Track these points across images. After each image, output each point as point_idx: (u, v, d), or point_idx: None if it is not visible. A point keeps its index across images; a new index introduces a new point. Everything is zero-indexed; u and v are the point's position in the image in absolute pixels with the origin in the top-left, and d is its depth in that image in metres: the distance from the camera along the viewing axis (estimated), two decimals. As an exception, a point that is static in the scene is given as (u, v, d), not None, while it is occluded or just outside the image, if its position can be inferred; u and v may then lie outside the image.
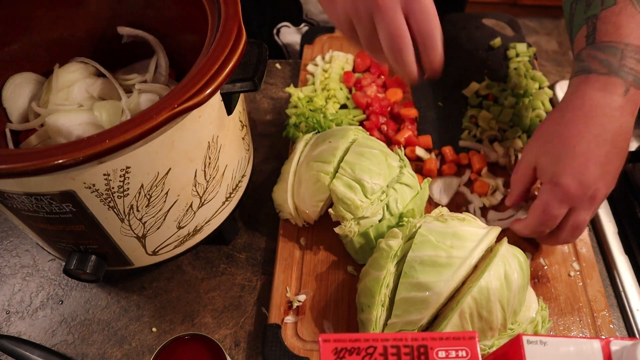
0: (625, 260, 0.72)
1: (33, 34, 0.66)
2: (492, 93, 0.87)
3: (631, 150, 0.83)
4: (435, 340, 0.37)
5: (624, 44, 0.60)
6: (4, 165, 0.43)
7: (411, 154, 0.80)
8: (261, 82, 0.55)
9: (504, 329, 0.57)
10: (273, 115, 0.90)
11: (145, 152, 0.49)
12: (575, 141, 0.59)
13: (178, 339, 0.55)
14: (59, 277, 0.72)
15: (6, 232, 0.76)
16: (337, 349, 0.37)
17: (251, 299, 0.70)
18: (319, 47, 0.96)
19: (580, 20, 0.65)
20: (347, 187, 0.65)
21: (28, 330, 0.67)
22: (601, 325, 0.64)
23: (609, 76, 0.59)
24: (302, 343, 0.63)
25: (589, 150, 0.59)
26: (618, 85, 0.59)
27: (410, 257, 0.57)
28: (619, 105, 0.59)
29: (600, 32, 0.61)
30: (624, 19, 0.60)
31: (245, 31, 0.53)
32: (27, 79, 0.68)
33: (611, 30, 0.61)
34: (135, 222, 0.55)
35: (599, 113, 0.59)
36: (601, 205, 0.77)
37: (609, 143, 0.59)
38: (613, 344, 0.39)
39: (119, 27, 0.68)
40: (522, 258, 0.59)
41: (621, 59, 0.59)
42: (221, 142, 0.57)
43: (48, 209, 0.51)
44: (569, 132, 0.60)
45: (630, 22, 0.60)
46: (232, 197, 0.65)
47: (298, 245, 0.72)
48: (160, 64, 0.69)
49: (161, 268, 0.72)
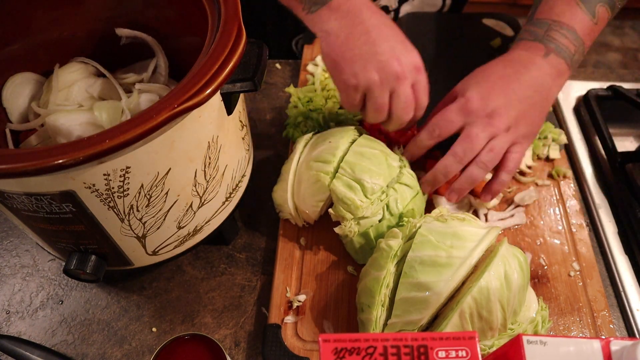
0: (625, 260, 0.72)
1: (33, 34, 0.66)
2: (492, 93, 0.87)
3: (631, 151, 0.83)
4: (435, 340, 0.37)
5: (552, 20, 0.69)
6: (4, 165, 0.43)
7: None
8: (261, 82, 0.55)
9: (504, 329, 0.57)
10: (273, 115, 0.90)
11: (145, 152, 0.49)
12: (490, 72, 0.69)
13: (178, 339, 0.55)
14: (59, 277, 0.72)
15: (6, 232, 0.76)
16: (337, 349, 0.37)
17: (251, 299, 0.70)
18: (319, 47, 0.96)
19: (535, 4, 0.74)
20: (347, 187, 0.65)
21: (28, 330, 0.67)
22: (601, 325, 0.65)
23: (533, 42, 0.69)
24: (302, 343, 0.63)
25: (500, 81, 0.67)
26: (539, 48, 0.68)
27: (410, 257, 0.57)
28: (537, 63, 0.68)
29: (538, 11, 0.71)
30: (559, 1, 0.70)
31: (245, 31, 0.53)
32: (27, 79, 0.68)
33: (545, 10, 0.70)
34: (135, 222, 0.55)
35: (518, 61, 0.69)
36: (601, 208, 0.78)
37: (519, 84, 0.67)
38: (613, 344, 0.39)
39: (117, 29, 0.68)
40: (522, 258, 0.59)
41: (547, 31, 0.69)
42: (221, 142, 0.57)
43: (48, 209, 0.51)
44: (489, 69, 0.69)
45: (562, 4, 0.69)
46: (232, 197, 0.65)
47: (298, 245, 0.72)
48: (159, 64, 0.69)
49: (161, 268, 0.72)
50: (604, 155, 0.83)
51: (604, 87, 0.91)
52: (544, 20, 0.70)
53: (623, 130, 0.92)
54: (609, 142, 0.82)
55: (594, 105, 0.87)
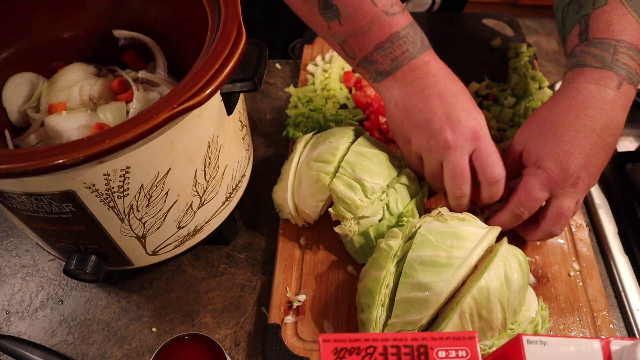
0: (625, 260, 0.72)
1: (33, 34, 0.66)
2: (492, 93, 0.87)
3: (631, 151, 0.83)
4: (435, 340, 0.37)
5: (616, 40, 0.61)
6: (4, 165, 0.43)
7: None
8: (261, 82, 0.55)
9: (504, 329, 0.57)
10: (273, 115, 0.90)
11: (145, 152, 0.49)
12: (564, 129, 0.61)
13: (178, 339, 0.55)
14: (59, 277, 0.72)
15: (6, 232, 0.76)
16: (337, 349, 0.37)
17: (251, 299, 0.70)
18: (319, 47, 0.97)
19: (573, 20, 0.66)
20: (347, 187, 0.65)
21: (28, 330, 0.67)
22: (601, 325, 0.64)
23: (602, 70, 0.61)
24: (302, 343, 0.63)
25: (576, 139, 0.60)
26: (611, 78, 0.60)
27: (410, 257, 0.57)
28: (611, 99, 0.60)
29: (592, 29, 0.63)
30: (615, 17, 0.62)
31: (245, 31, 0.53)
32: (27, 79, 0.68)
33: (603, 28, 0.62)
34: (135, 222, 0.55)
35: (591, 104, 0.60)
36: (601, 208, 0.78)
37: (596, 135, 0.60)
38: (613, 344, 0.39)
39: (114, 30, 0.68)
40: (522, 258, 0.59)
41: (614, 54, 0.61)
42: (221, 142, 0.57)
43: (48, 209, 0.51)
44: (559, 120, 0.61)
45: (621, 20, 0.61)
46: (232, 197, 0.65)
47: (298, 245, 0.72)
48: (158, 64, 0.69)
49: (161, 268, 0.72)
50: (604, 155, 0.83)
51: (604, 87, 0.91)
52: (607, 40, 0.61)
53: (623, 130, 0.92)
54: (609, 142, 0.82)
55: (594, 105, 0.87)
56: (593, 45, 0.62)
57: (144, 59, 0.72)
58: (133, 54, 0.71)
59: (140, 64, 0.71)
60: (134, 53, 0.71)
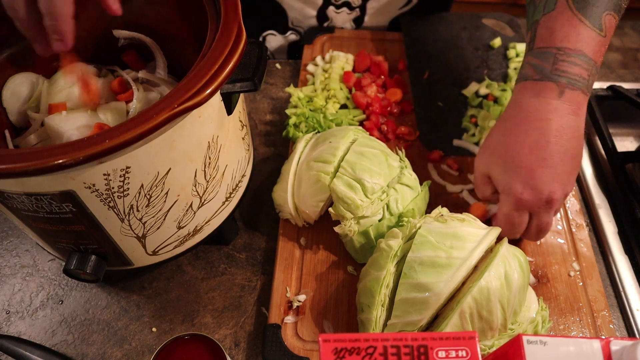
0: (625, 260, 0.72)
1: (33, 34, 0.66)
2: (492, 93, 0.87)
3: (631, 151, 0.83)
4: (435, 340, 0.37)
5: (557, 48, 0.61)
6: (4, 165, 0.43)
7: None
8: (261, 82, 0.55)
9: (504, 329, 0.57)
10: (273, 115, 0.90)
11: (145, 152, 0.49)
12: (518, 148, 0.61)
13: (178, 339, 0.55)
14: (59, 277, 0.72)
15: (6, 232, 0.76)
16: (337, 349, 0.37)
17: (251, 299, 0.70)
18: (319, 47, 0.97)
19: (529, 24, 0.66)
20: (347, 187, 0.65)
21: (28, 330, 0.67)
22: (601, 325, 0.65)
23: (541, 81, 0.61)
24: (302, 343, 0.63)
25: (533, 155, 0.60)
26: (551, 89, 0.60)
27: (410, 257, 0.57)
28: (553, 108, 0.60)
29: (538, 38, 0.63)
30: (558, 23, 0.61)
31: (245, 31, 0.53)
32: (27, 79, 0.68)
33: (546, 36, 0.62)
34: (135, 222, 0.55)
35: (535, 117, 0.60)
36: (601, 209, 0.78)
37: (552, 145, 0.60)
38: (613, 344, 0.39)
39: (114, 30, 0.68)
40: (522, 258, 0.59)
41: (554, 64, 0.60)
42: (221, 142, 0.57)
43: (48, 209, 0.51)
44: (510, 141, 0.62)
45: (564, 26, 0.61)
46: (232, 197, 0.65)
47: (298, 245, 0.72)
48: (158, 64, 0.69)
49: (161, 268, 0.72)
50: (604, 155, 0.83)
51: (604, 87, 0.91)
52: (547, 50, 0.61)
53: (623, 130, 0.92)
54: (609, 142, 0.82)
55: (594, 105, 0.87)
56: (535, 55, 0.63)
57: (144, 59, 0.72)
58: (133, 54, 0.71)
59: (140, 64, 0.72)
60: (134, 53, 0.71)
